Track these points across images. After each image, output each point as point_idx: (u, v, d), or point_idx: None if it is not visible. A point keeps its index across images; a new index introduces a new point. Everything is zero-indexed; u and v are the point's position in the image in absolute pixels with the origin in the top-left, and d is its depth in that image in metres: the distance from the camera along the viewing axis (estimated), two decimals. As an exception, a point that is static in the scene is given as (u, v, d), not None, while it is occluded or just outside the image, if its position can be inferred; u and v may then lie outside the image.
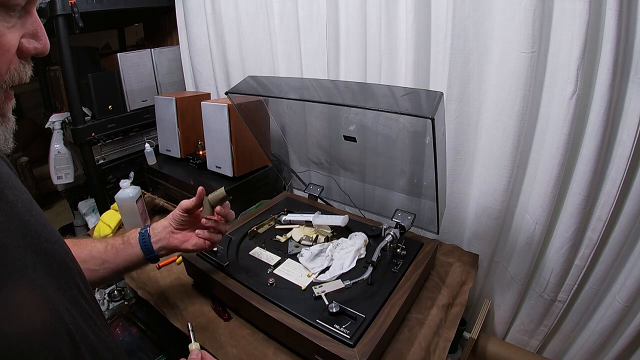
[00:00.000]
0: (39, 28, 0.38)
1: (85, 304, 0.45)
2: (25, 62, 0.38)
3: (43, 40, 0.39)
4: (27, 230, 0.39)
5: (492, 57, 0.88)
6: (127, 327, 1.27)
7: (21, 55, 0.37)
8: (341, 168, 1.11)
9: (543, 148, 0.88)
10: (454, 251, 1.04)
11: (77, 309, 0.42)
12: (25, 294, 0.36)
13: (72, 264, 0.46)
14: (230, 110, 1.12)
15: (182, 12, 1.59)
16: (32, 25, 0.38)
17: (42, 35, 0.39)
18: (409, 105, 0.76)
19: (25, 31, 0.37)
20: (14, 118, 0.40)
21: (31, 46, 0.38)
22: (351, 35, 1.10)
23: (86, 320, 0.43)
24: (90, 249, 0.69)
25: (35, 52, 0.38)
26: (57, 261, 0.43)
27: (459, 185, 1.05)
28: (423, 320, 0.79)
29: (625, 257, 0.86)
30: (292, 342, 0.72)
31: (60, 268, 0.43)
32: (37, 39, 0.38)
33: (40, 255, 0.40)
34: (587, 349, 0.96)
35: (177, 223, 0.74)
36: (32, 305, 0.36)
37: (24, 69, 0.38)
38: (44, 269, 0.39)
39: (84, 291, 0.46)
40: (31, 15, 0.38)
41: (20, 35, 0.37)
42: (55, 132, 1.63)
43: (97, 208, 1.69)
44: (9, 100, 0.39)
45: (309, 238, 0.94)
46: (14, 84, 0.37)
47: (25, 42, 0.37)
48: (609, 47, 0.70)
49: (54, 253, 0.42)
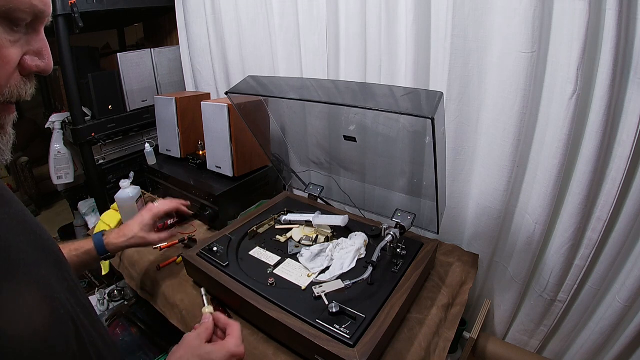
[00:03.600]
0: (44, 47, 0.39)
1: (81, 297, 0.47)
2: (27, 80, 0.39)
3: (47, 59, 0.39)
4: (25, 229, 0.41)
5: (492, 57, 0.88)
6: (127, 327, 1.27)
7: (23, 72, 0.38)
8: (341, 168, 1.11)
9: (543, 148, 0.88)
10: (454, 251, 1.04)
11: (76, 301, 0.44)
12: (33, 286, 0.37)
13: (64, 258, 0.48)
14: (230, 110, 1.12)
15: (182, 12, 1.59)
16: (38, 44, 0.38)
17: (46, 54, 0.39)
18: (409, 105, 0.76)
19: (29, 48, 0.38)
20: (14, 132, 0.41)
21: (34, 64, 0.38)
22: (351, 35, 1.10)
23: (84, 312, 0.45)
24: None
25: (37, 70, 0.39)
26: (53, 256, 0.45)
27: (459, 185, 1.05)
28: (423, 320, 0.79)
29: (625, 257, 0.86)
30: (292, 342, 0.72)
31: (57, 263, 0.45)
32: (40, 58, 0.39)
33: (39, 251, 0.41)
34: (587, 349, 0.96)
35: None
36: (40, 296, 0.38)
37: (25, 86, 0.38)
38: (44, 263, 0.41)
39: (78, 285, 0.48)
40: (38, 34, 0.38)
41: (24, 52, 0.37)
42: (55, 132, 1.64)
43: (97, 208, 1.69)
44: (9, 114, 0.39)
45: (309, 238, 0.94)
46: (12, 100, 0.38)
47: (28, 60, 0.38)
48: (609, 47, 0.70)
49: (50, 249, 0.44)
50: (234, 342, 0.58)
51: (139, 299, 1.26)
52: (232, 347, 0.57)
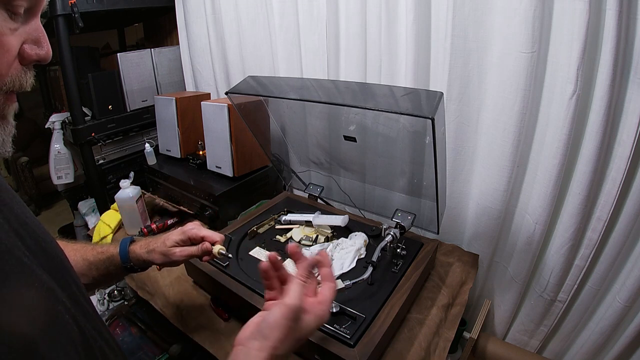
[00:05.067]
0: (41, 35, 0.39)
1: (84, 302, 0.46)
2: (27, 70, 0.38)
3: (45, 47, 0.39)
4: (26, 231, 0.40)
5: (492, 57, 0.88)
6: (127, 327, 1.27)
7: (23, 61, 0.37)
8: (341, 168, 1.11)
9: (543, 148, 0.88)
10: (454, 251, 1.04)
11: (78, 307, 0.43)
12: (34, 290, 0.37)
13: (67, 263, 0.47)
14: (230, 110, 1.12)
15: (182, 12, 1.59)
16: (35, 32, 0.38)
17: (44, 42, 0.39)
18: (409, 105, 0.76)
19: (28, 37, 0.37)
20: (15, 123, 0.40)
21: (33, 52, 0.38)
22: (351, 35, 1.10)
23: (86, 317, 0.44)
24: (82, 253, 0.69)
25: (37, 59, 0.39)
26: (55, 260, 0.44)
27: (459, 185, 1.05)
28: (423, 320, 0.79)
29: (625, 257, 0.86)
30: (292, 342, 0.71)
31: (58, 267, 0.44)
32: (39, 46, 0.39)
33: (39, 254, 0.40)
34: (587, 349, 0.96)
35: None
36: (42, 300, 0.37)
37: (26, 76, 0.38)
38: (45, 267, 0.40)
39: (82, 289, 0.47)
40: (35, 22, 0.38)
41: (23, 41, 0.37)
42: (55, 132, 1.64)
43: (97, 208, 1.69)
44: (10, 104, 0.39)
45: (309, 238, 0.94)
46: (14, 89, 0.38)
47: (27, 48, 0.37)
48: (609, 47, 0.70)
49: (51, 252, 0.43)
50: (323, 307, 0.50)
51: (139, 299, 1.26)
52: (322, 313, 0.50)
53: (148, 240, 0.72)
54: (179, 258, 0.69)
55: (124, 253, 0.69)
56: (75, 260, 0.68)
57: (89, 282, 0.69)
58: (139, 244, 0.71)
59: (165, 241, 0.69)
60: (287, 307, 0.47)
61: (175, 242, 0.69)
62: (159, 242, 0.70)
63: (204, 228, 0.71)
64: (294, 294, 0.49)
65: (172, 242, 0.69)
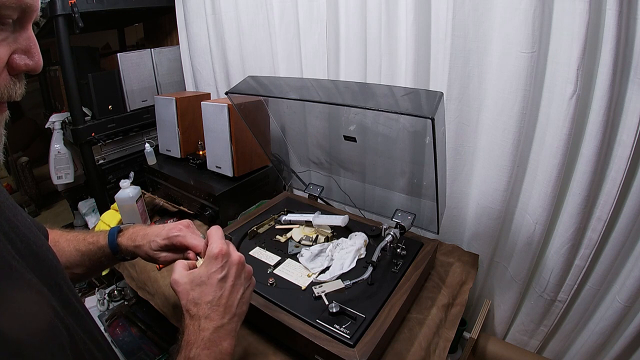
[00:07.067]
0: (32, 45, 0.38)
1: (75, 303, 0.46)
2: (16, 80, 0.37)
3: (36, 57, 0.38)
4: (16, 234, 0.40)
5: (492, 57, 0.88)
6: (127, 327, 1.27)
7: (12, 71, 0.36)
8: (341, 168, 1.11)
9: (543, 148, 0.88)
10: (454, 251, 1.04)
11: (68, 310, 0.43)
12: (25, 294, 0.36)
13: (59, 265, 0.47)
14: (230, 110, 1.12)
15: (182, 12, 1.59)
16: (26, 42, 0.37)
17: (35, 52, 0.38)
18: (409, 105, 0.76)
19: (17, 46, 0.36)
20: (5, 132, 0.39)
21: (22, 62, 0.37)
22: (351, 35, 1.10)
23: (77, 319, 0.44)
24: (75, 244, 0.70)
25: (26, 69, 0.37)
26: (46, 263, 0.43)
27: (459, 185, 1.05)
28: (423, 320, 0.79)
29: (625, 257, 0.86)
30: (292, 342, 0.72)
31: (49, 269, 0.44)
32: (29, 56, 0.37)
33: (30, 257, 0.40)
34: (587, 349, 0.95)
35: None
36: (33, 304, 0.37)
37: (15, 86, 0.37)
38: (35, 271, 0.40)
39: (74, 291, 0.47)
40: (26, 31, 0.37)
41: (12, 50, 0.36)
42: (55, 132, 1.64)
43: (97, 208, 1.69)
44: (0, 114, 0.38)
45: (309, 238, 0.94)
46: (2, 100, 0.36)
47: (17, 58, 0.36)
48: (609, 47, 0.70)
49: (42, 255, 0.43)
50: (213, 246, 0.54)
51: (139, 299, 1.26)
52: (215, 250, 0.54)
53: (135, 230, 0.71)
54: (163, 263, 0.69)
55: (113, 246, 0.69)
56: (69, 251, 0.69)
57: (83, 272, 0.70)
58: (125, 236, 0.70)
59: (151, 243, 0.67)
60: (172, 281, 0.55)
61: (160, 247, 0.67)
62: (145, 241, 0.68)
63: (192, 233, 0.67)
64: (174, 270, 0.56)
65: (157, 247, 0.67)
